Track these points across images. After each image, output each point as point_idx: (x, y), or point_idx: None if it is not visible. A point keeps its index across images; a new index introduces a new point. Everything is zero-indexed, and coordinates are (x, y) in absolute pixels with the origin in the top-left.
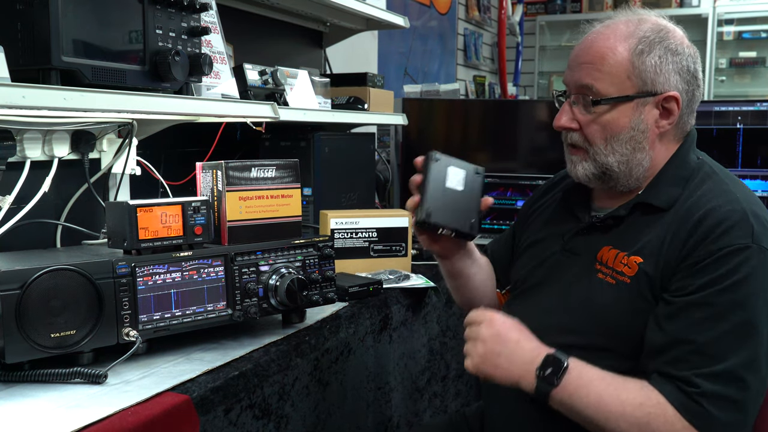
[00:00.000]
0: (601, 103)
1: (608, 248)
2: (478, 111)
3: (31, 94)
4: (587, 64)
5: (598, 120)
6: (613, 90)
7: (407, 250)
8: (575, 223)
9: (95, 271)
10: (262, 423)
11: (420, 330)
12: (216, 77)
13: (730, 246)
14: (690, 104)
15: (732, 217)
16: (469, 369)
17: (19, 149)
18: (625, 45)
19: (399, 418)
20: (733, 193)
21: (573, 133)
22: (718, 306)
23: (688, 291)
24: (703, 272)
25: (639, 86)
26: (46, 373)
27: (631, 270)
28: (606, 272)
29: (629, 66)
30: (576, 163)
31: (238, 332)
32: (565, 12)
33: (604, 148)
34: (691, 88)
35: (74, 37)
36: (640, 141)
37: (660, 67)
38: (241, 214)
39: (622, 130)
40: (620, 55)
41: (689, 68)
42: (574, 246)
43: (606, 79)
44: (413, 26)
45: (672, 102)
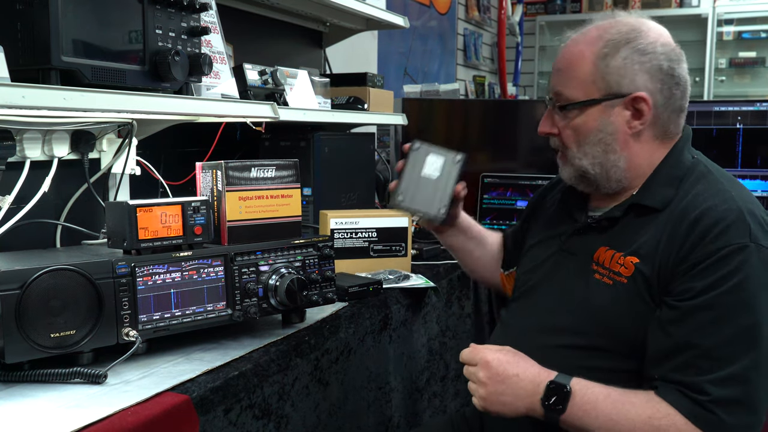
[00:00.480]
0: (568, 108)
1: (604, 249)
2: (477, 111)
3: (30, 94)
4: (559, 71)
5: (570, 124)
6: (581, 94)
7: (407, 250)
8: (572, 223)
9: (95, 271)
10: (262, 423)
11: (420, 330)
12: (216, 77)
13: (729, 246)
14: (668, 103)
15: (728, 217)
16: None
17: (19, 149)
18: (591, 49)
19: (399, 418)
20: (728, 191)
21: (554, 138)
22: (723, 309)
23: (691, 295)
24: (704, 274)
25: (604, 89)
26: (46, 373)
27: (627, 270)
28: (603, 273)
29: (593, 70)
30: (561, 167)
31: (237, 332)
32: (564, 12)
33: (577, 151)
34: (667, 87)
35: (74, 37)
36: (610, 143)
37: (625, 68)
38: (240, 214)
39: (590, 132)
40: (586, 60)
41: (662, 67)
42: (571, 246)
43: (573, 85)
44: (413, 26)
45: (641, 102)
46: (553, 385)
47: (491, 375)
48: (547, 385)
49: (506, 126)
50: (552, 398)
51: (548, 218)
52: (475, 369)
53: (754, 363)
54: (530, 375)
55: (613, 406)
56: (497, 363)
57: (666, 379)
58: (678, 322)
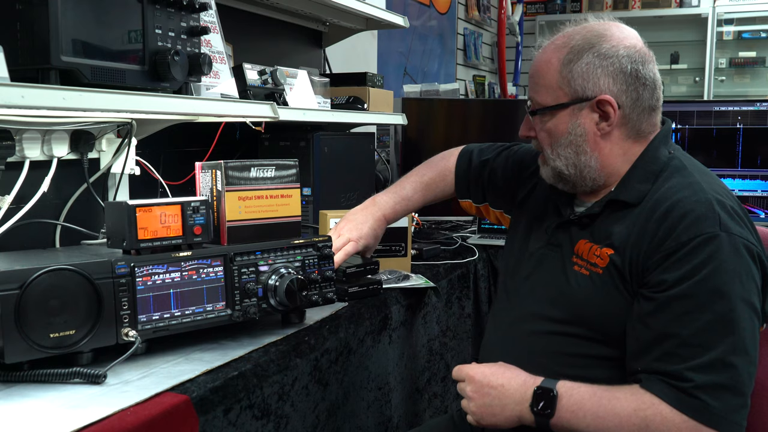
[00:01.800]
0: (538, 113)
1: (584, 241)
2: (477, 111)
3: (30, 93)
4: (531, 78)
5: (544, 128)
6: (550, 100)
7: (407, 250)
8: (557, 217)
9: (94, 271)
10: (262, 423)
11: (420, 330)
12: (215, 77)
13: (700, 235)
14: (636, 103)
15: (697, 208)
16: (473, 424)
17: (18, 149)
18: (557, 56)
19: (399, 418)
20: (699, 184)
21: (534, 140)
22: (698, 297)
23: (666, 286)
24: (677, 265)
25: (571, 94)
26: (46, 373)
27: (603, 261)
28: (581, 264)
29: (558, 76)
30: (541, 167)
31: (237, 332)
32: (564, 12)
33: (551, 153)
34: (633, 88)
35: (73, 36)
36: (581, 144)
37: (588, 73)
38: (240, 214)
39: (561, 135)
40: (552, 67)
41: (624, 69)
42: (556, 239)
43: (542, 91)
44: (413, 26)
45: (606, 105)
46: (539, 390)
47: (477, 388)
48: (534, 391)
49: (506, 126)
50: (540, 403)
51: (537, 209)
52: (463, 385)
53: (733, 347)
54: (516, 384)
55: (599, 403)
56: (481, 376)
57: (649, 370)
58: (655, 314)
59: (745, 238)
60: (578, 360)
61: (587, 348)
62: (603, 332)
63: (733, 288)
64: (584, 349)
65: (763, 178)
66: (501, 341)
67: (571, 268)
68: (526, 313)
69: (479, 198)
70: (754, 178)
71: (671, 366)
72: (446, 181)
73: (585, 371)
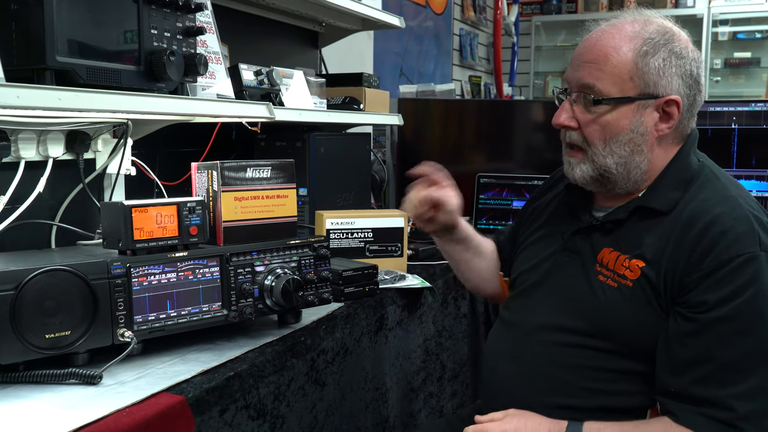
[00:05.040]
0: (602, 103)
1: (609, 250)
2: (473, 111)
3: (25, 94)
4: (590, 63)
5: (598, 120)
6: (615, 90)
7: (403, 250)
8: (575, 222)
9: (90, 271)
10: (258, 423)
11: (416, 330)
12: (211, 77)
13: (741, 255)
14: (690, 109)
15: (738, 225)
16: None
17: (14, 149)
18: (629, 45)
19: (395, 418)
20: (735, 198)
21: (572, 132)
22: (741, 320)
23: (708, 306)
24: (719, 285)
25: (641, 88)
26: (41, 374)
27: (633, 273)
28: (607, 275)
29: (632, 67)
30: (574, 166)
31: (233, 333)
32: (560, 12)
33: (602, 149)
34: (693, 93)
35: (69, 36)
36: (639, 143)
37: (663, 70)
38: (236, 215)
39: (621, 131)
40: (624, 56)
41: (692, 73)
42: (574, 245)
43: (608, 79)
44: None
45: (673, 106)
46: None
47: None
48: None
49: (502, 126)
50: None
51: (549, 215)
52: None
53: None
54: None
55: None
56: None
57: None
58: (695, 335)
59: None
60: (602, 374)
61: (612, 362)
62: (629, 346)
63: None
64: (608, 363)
65: (759, 179)
66: (513, 353)
67: (595, 278)
68: (543, 324)
69: None
70: (749, 178)
71: (710, 391)
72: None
73: (609, 385)
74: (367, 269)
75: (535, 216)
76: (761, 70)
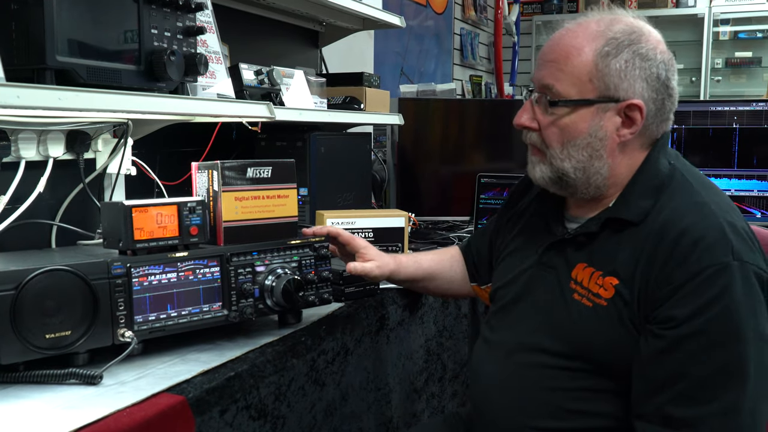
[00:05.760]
0: (559, 105)
1: (583, 266)
2: (474, 111)
3: (25, 93)
4: (551, 63)
5: (557, 122)
6: (574, 92)
7: (404, 250)
8: (548, 234)
9: (90, 271)
10: (258, 424)
11: (417, 331)
12: (212, 77)
13: (711, 266)
14: (658, 114)
15: (709, 235)
16: None
17: (14, 149)
18: (591, 45)
19: (398, 419)
20: (707, 205)
21: (532, 133)
22: (711, 335)
23: (677, 322)
24: (688, 299)
25: (601, 90)
26: (41, 374)
27: (607, 292)
28: (582, 293)
29: (592, 68)
30: (534, 164)
31: (234, 333)
32: (561, 12)
33: (560, 152)
34: (660, 97)
35: (69, 36)
36: (598, 149)
37: (625, 72)
38: (236, 215)
39: (579, 135)
40: (585, 56)
41: (659, 76)
42: (549, 260)
43: (567, 80)
44: (409, 26)
45: (635, 111)
46: None
47: None
48: None
49: (503, 126)
50: None
51: (524, 224)
52: None
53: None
54: None
55: None
56: None
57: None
58: (667, 352)
59: (756, 264)
60: (580, 393)
61: (589, 381)
62: (607, 367)
63: (747, 326)
64: (586, 383)
65: (760, 178)
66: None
67: (570, 297)
68: (521, 345)
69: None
70: (750, 178)
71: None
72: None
73: (592, 406)
74: None
75: (512, 224)
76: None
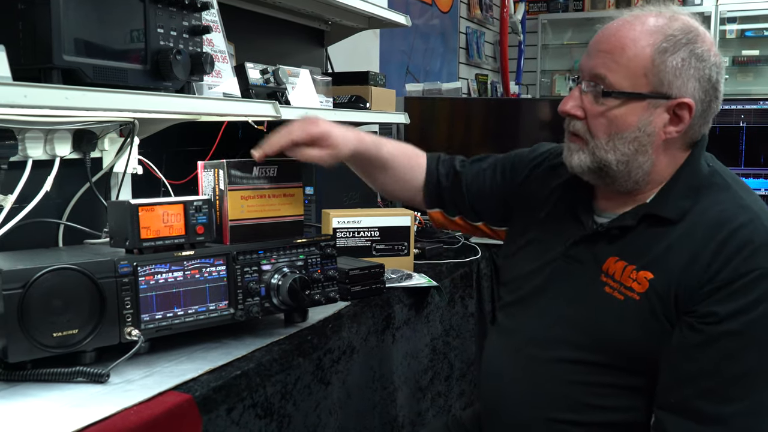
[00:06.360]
0: (612, 96)
1: (615, 259)
2: (480, 110)
3: (32, 93)
4: (605, 53)
5: (606, 113)
6: (626, 84)
7: (409, 249)
8: (577, 226)
9: (97, 270)
10: (265, 422)
11: (423, 329)
12: (217, 76)
13: (758, 269)
14: (704, 115)
15: (757, 239)
16: None
17: (21, 148)
18: (649, 39)
19: (404, 417)
20: (752, 209)
21: (576, 122)
22: (750, 336)
23: (718, 318)
24: (732, 298)
25: (654, 86)
26: (49, 372)
27: (640, 286)
28: (613, 286)
29: (649, 63)
30: (573, 152)
31: (240, 331)
32: (567, 10)
33: (605, 143)
34: (708, 99)
35: (75, 36)
36: (644, 144)
37: (680, 70)
38: (242, 213)
39: (627, 128)
40: (642, 50)
41: (711, 78)
42: (577, 253)
43: (621, 72)
44: (415, 25)
45: (685, 109)
46: None
47: None
48: None
49: (509, 125)
50: None
51: (549, 213)
52: None
53: None
54: None
55: None
56: None
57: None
58: (702, 347)
59: None
60: (604, 389)
61: (615, 377)
62: (631, 361)
63: None
64: (611, 379)
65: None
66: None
67: (601, 290)
68: (541, 338)
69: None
70: (758, 176)
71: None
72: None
73: (612, 401)
74: (374, 268)
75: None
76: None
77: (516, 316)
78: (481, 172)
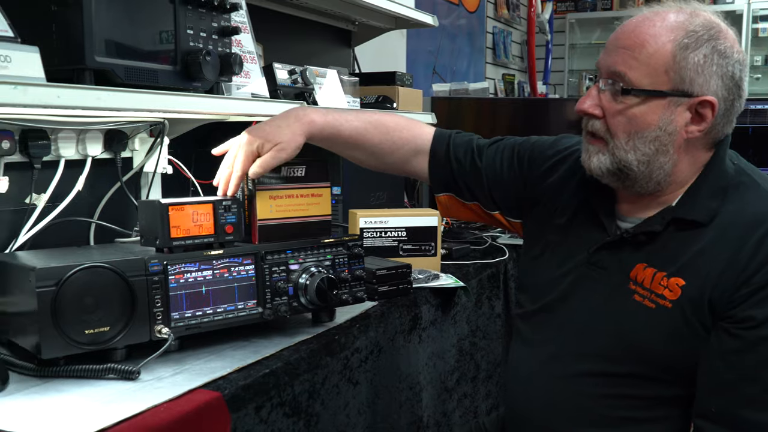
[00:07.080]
0: (632, 94)
1: (643, 266)
2: (507, 110)
3: (65, 94)
4: (624, 49)
5: (625, 111)
6: (647, 82)
7: (436, 249)
8: (601, 231)
9: (128, 268)
10: (293, 421)
11: (449, 330)
12: (246, 77)
13: None
14: (727, 114)
15: None
16: None
17: (54, 148)
18: (670, 35)
19: (429, 418)
20: None
21: (595, 121)
22: None
23: (755, 323)
24: None
25: (675, 83)
26: (81, 368)
27: (672, 293)
28: (643, 294)
29: (670, 59)
30: (592, 154)
31: (268, 330)
32: (595, 9)
33: (625, 143)
34: (731, 97)
35: (107, 37)
36: (666, 143)
37: (703, 67)
38: (271, 213)
39: (648, 127)
40: (662, 46)
41: (734, 75)
42: (602, 260)
43: (641, 69)
44: (442, 25)
45: (707, 108)
46: None
47: None
48: None
49: (536, 125)
50: None
51: (570, 218)
52: None
53: None
54: None
55: None
56: None
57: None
58: (740, 353)
59: None
60: (635, 402)
61: (645, 388)
62: (666, 371)
63: None
64: (642, 390)
65: None
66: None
67: (630, 298)
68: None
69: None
70: None
71: (758, 414)
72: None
73: (642, 413)
74: (401, 268)
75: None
76: None
77: (540, 326)
78: (498, 155)
